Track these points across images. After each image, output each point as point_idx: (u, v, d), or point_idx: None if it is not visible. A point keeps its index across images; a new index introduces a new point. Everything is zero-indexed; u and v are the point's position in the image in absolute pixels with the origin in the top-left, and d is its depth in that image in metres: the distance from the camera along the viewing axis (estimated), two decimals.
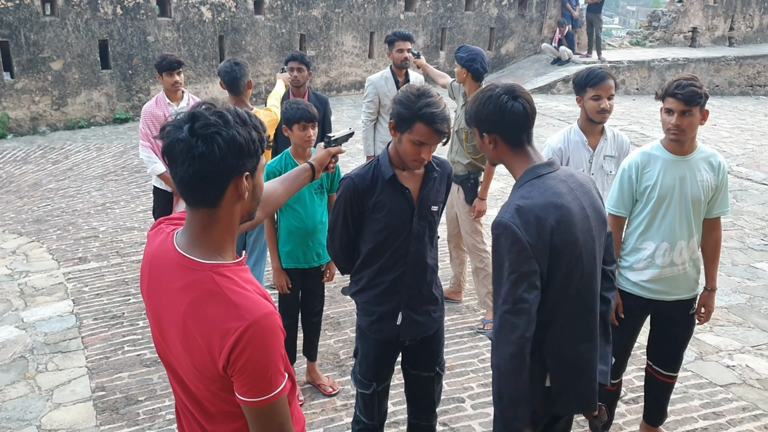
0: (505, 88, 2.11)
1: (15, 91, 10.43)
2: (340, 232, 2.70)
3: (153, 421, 3.57)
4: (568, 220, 2.05)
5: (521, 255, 2.00)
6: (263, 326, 1.44)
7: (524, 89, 2.15)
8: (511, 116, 2.08)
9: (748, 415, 3.68)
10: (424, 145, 2.46)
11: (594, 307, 2.20)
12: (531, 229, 1.99)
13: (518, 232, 1.99)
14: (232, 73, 4.16)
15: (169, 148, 1.45)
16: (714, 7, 17.67)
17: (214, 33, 11.86)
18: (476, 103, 2.15)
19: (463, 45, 4.69)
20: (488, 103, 2.11)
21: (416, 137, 2.44)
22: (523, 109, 2.09)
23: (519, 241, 1.99)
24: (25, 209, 7.30)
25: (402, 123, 2.47)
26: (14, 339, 4.44)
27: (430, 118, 2.40)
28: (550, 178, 2.11)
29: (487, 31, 15.09)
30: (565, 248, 2.05)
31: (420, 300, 2.72)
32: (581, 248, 2.09)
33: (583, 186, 2.18)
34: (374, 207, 2.61)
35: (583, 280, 2.13)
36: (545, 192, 2.06)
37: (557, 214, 2.03)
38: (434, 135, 2.43)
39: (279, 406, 1.50)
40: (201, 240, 1.53)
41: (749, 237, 6.50)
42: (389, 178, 2.59)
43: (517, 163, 2.17)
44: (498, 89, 2.12)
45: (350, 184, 2.62)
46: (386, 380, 2.85)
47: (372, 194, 2.60)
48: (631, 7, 66.24)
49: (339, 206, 2.66)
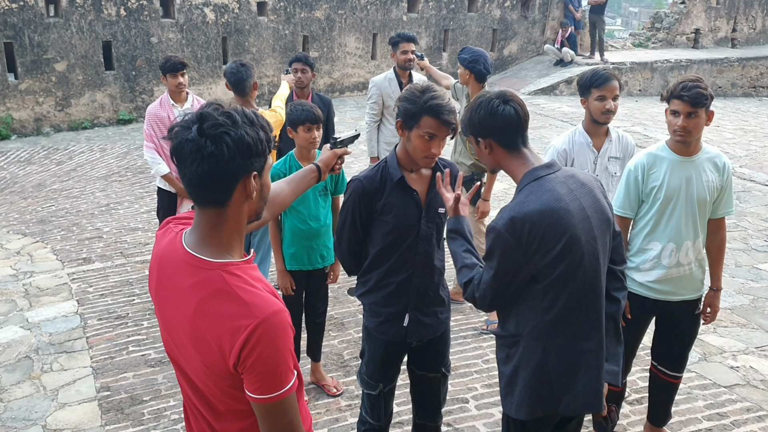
0: (497, 94, 2.20)
1: (19, 92, 10.45)
2: (348, 234, 2.70)
3: (158, 421, 3.58)
4: (567, 222, 2.08)
5: (510, 261, 2.10)
6: (273, 323, 1.46)
7: (516, 94, 2.24)
8: (502, 119, 2.15)
9: (752, 416, 3.68)
10: (433, 138, 2.47)
11: (598, 306, 2.20)
12: (523, 238, 2.07)
13: (509, 240, 2.08)
14: (238, 74, 4.18)
15: (178, 148, 1.47)
16: (717, 8, 17.65)
17: (218, 34, 11.88)
18: (469, 111, 2.24)
19: (466, 46, 4.70)
20: (480, 108, 2.19)
21: (425, 130, 2.45)
22: (514, 112, 2.16)
23: (509, 246, 2.08)
24: (29, 210, 7.31)
25: (409, 119, 2.49)
26: (19, 339, 4.45)
27: (437, 110, 2.42)
28: (549, 180, 2.14)
29: (490, 32, 15.09)
30: (565, 250, 2.08)
31: (427, 301, 2.73)
32: (583, 249, 2.11)
33: (585, 186, 2.20)
34: (382, 209, 2.62)
35: (585, 279, 2.14)
36: (542, 195, 2.10)
37: (554, 217, 2.07)
38: (442, 126, 2.45)
39: (289, 402, 1.51)
40: (210, 239, 1.54)
41: (753, 238, 6.49)
42: (397, 180, 2.59)
43: (515, 166, 2.22)
44: (489, 95, 2.21)
45: (358, 186, 2.63)
46: (392, 381, 2.86)
47: (380, 196, 2.61)
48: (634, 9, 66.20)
49: (347, 208, 2.67)
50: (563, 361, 2.18)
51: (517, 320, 2.23)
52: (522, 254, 2.08)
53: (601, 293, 2.22)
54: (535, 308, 2.17)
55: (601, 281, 2.21)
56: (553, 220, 2.06)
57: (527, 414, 2.23)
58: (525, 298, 2.19)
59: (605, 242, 2.22)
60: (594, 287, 2.18)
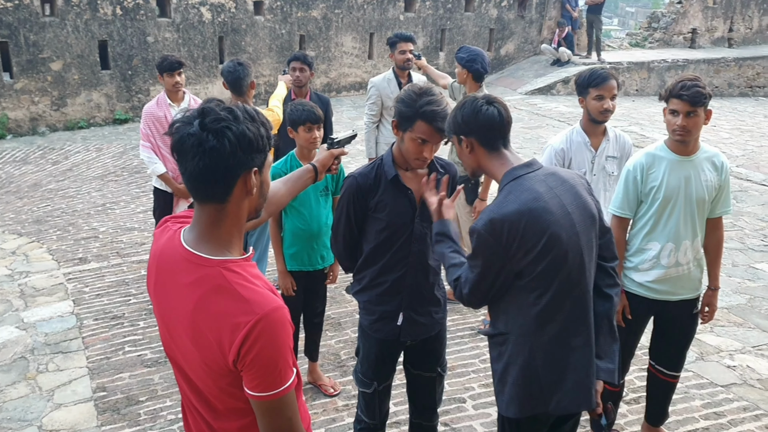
0: (483, 96, 2.26)
1: (14, 92, 10.42)
2: (344, 231, 2.71)
3: (154, 421, 3.56)
4: (546, 220, 2.10)
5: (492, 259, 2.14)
6: (273, 320, 1.45)
7: (501, 99, 2.29)
8: (485, 119, 2.19)
9: (749, 415, 3.68)
10: (425, 143, 2.48)
11: (585, 303, 2.21)
12: (502, 238, 2.10)
13: (490, 240, 2.12)
14: (235, 73, 4.16)
15: (179, 143, 1.46)
16: (713, 8, 17.68)
17: (214, 34, 11.86)
18: (454, 110, 2.30)
19: (464, 45, 4.70)
20: (465, 107, 2.25)
21: (417, 135, 2.47)
22: (497, 113, 2.21)
23: (490, 246, 2.13)
24: (25, 210, 7.29)
25: (404, 121, 2.50)
26: (15, 339, 4.43)
27: (431, 116, 2.43)
28: (528, 179, 2.16)
29: (487, 32, 15.09)
30: (546, 248, 2.10)
31: (421, 301, 2.73)
32: (565, 246, 2.12)
33: (566, 183, 2.21)
34: (376, 206, 2.62)
35: (570, 277, 2.15)
36: (521, 195, 2.12)
37: (532, 216, 2.09)
38: (435, 133, 2.46)
39: (288, 400, 1.50)
40: (209, 236, 1.53)
41: (749, 238, 6.50)
42: (392, 179, 2.59)
43: (495, 166, 2.24)
44: (475, 97, 2.26)
45: (353, 183, 2.63)
46: (387, 380, 2.85)
47: (374, 193, 2.61)
48: (630, 9, 66.30)
49: (342, 205, 2.68)
50: (551, 358, 2.19)
51: (506, 318, 2.25)
52: (503, 253, 2.12)
53: (588, 290, 2.22)
54: (522, 306, 2.19)
55: (587, 278, 2.21)
56: (531, 219, 2.08)
57: (516, 411, 2.23)
58: (512, 296, 2.20)
59: (590, 238, 2.22)
60: (579, 284, 2.18)
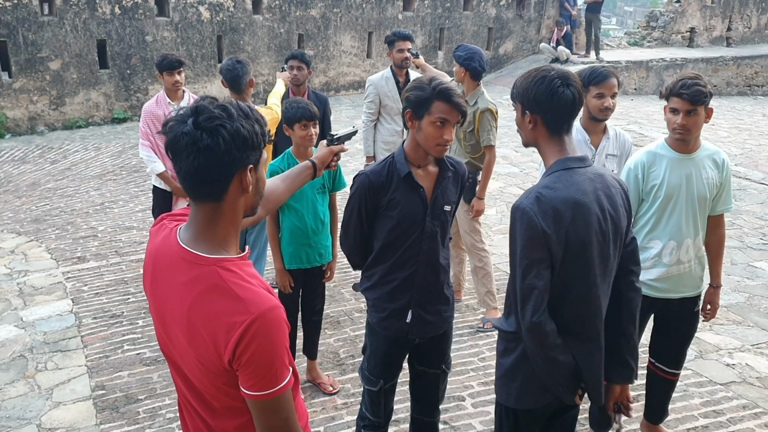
0: (559, 73, 2.09)
1: (13, 91, 10.40)
2: (354, 228, 2.70)
3: (153, 419, 3.56)
4: (586, 219, 2.04)
5: (533, 242, 2.03)
6: (269, 319, 1.44)
7: (577, 78, 2.13)
8: (559, 102, 2.06)
9: (749, 413, 3.68)
10: (446, 124, 2.47)
11: (599, 309, 2.17)
12: (548, 219, 2.01)
13: (534, 219, 2.01)
14: (234, 71, 4.16)
15: (174, 142, 1.45)
16: (712, 7, 17.70)
17: (213, 33, 11.85)
18: (527, 81, 2.12)
19: (462, 44, 4.69)
20: (540, 83, 2.08)
21: (436, 116, 2.46)
22: (572, 98, 2.07)
23: (534, 227, 2.02)
24: (24, 209, 7.28)
25: (419, 107, 2.49)
26: (13, 338, 4.42)
27: (447, 94, 2.45)
28: (579, 173, 2.10)
29: (486, 31, 15.09)
30: (578, 246, 2.04)
31: (431, 299, 2.72)
32: (593, 250, 2.07)
33: (610, 189, 2.15)
34: (388, 204, 2.61)
35: (591, 281, 2.11)
36: (570, 186, 2.05)
37: (576, 211, 2.03)
38: (453, 110, 2.46)
39: (284, 399, 1.49)
40: (205, 234, 1.52)
41: (748, 236, 6.51)
42: (404, 176, 2.59)
43: (550, 149, 2.15)
44: (553, 72, 2.09)
45: (365, 180, 2.62)
46: (394, 378, 2.86)
47: (386, 191, 2.61)
48: (629, 8, 66.31)
49: (353, 202, 2.66)
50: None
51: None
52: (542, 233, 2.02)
53: (605, 297, 2.19)
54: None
55: (606, 286, 2.18)
56: (575, 213, 2.02)
57: (532, 403, 2.23)
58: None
59: (616, 246, 2.18)
60: (598, 289, 2.14)
